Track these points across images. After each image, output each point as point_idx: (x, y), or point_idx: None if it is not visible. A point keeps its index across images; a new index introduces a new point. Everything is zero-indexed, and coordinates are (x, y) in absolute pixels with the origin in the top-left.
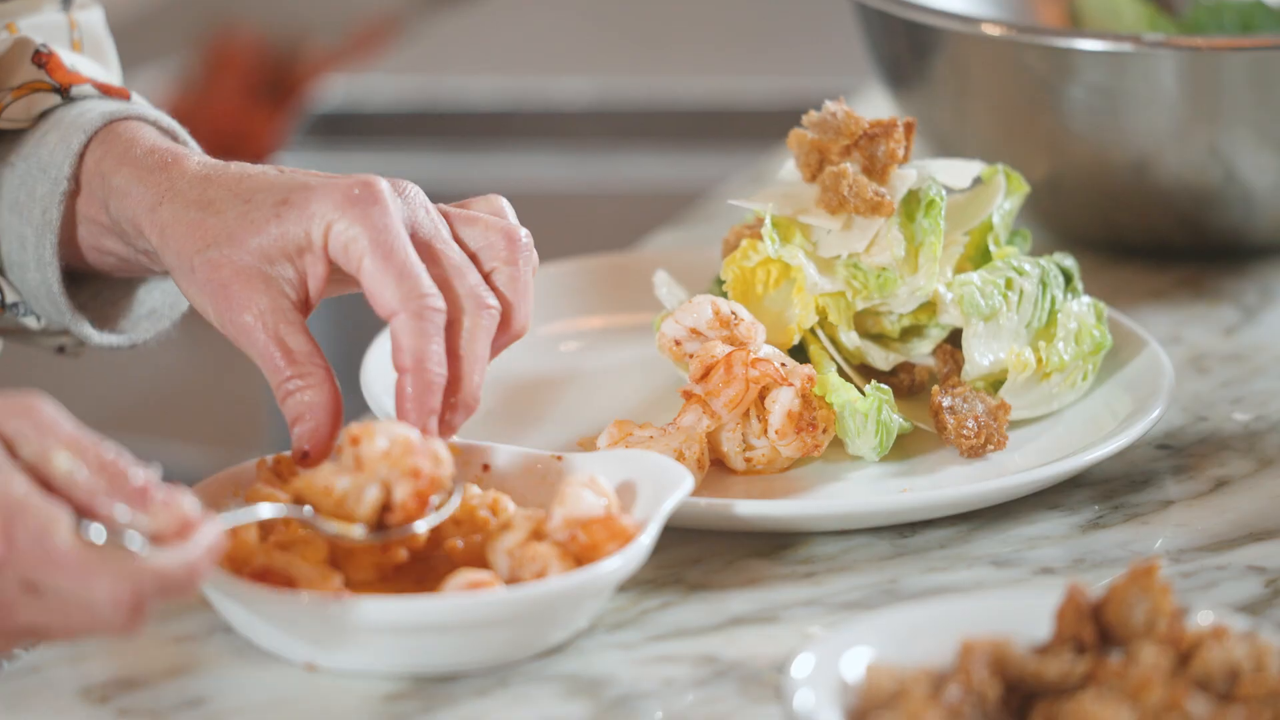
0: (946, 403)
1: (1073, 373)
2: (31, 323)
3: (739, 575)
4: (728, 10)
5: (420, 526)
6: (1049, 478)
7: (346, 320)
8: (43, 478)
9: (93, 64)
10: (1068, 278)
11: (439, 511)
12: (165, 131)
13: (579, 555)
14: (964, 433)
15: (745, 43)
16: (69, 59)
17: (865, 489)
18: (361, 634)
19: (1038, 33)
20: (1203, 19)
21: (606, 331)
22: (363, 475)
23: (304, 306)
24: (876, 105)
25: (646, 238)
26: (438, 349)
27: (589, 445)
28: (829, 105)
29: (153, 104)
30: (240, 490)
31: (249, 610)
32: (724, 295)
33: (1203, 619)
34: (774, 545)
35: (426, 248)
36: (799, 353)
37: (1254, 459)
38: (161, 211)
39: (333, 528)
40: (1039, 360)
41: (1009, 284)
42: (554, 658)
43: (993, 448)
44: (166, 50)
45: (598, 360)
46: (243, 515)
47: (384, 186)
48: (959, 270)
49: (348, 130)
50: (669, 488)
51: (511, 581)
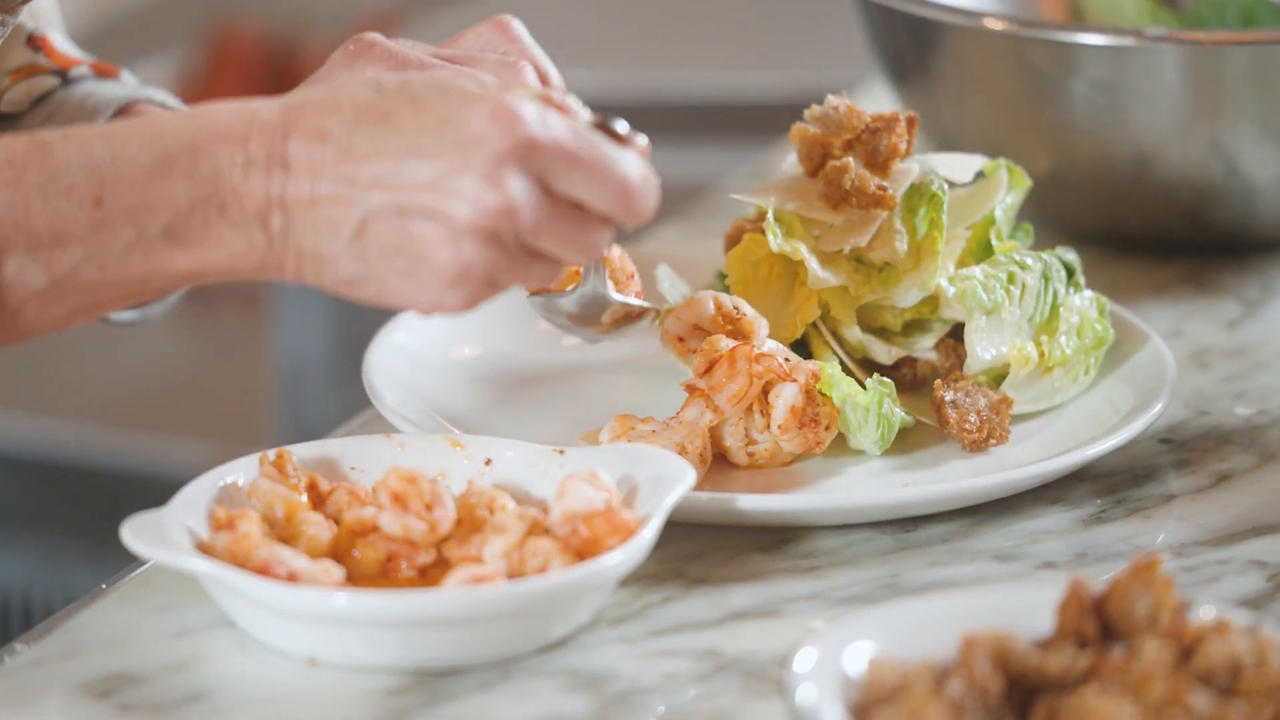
0: (949, 397)
1: (1075, 367)
2: None
3: (741, 570)
4: (730, 4)
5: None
6: (1051, 472)
7: (348, 319)
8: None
9: (75, 47)
10: (1070, 272)
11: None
12: (173, 109)
13: (580, 550)
14: (966, 427)
15: (748, 37)
16: (60, 42)
17: (867, 483)
18: (363, 628)
19: (1040, 27)
20: (1205, 14)
21: None
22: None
23: None
24: (879, 99)
25: (648, 231)
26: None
27: (591, 439)
28: (831, 99)
29: None
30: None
31: (251, 604)
32: (726, 289)
33: (1205, 614)
34: (776, 540)
35: (419, 65)
36: (801, 347)
37: (1256, 453)
38: None
39: None
40: (1041, 355)
41: (1011, 278)
42: (556, 652)
43: (995, 442)
44: (169, 43)
45: (600, 354)
46: None
47: (374, 34)
48: (961, 265)
49: None
50: (671, 482)
51: (513, 577)
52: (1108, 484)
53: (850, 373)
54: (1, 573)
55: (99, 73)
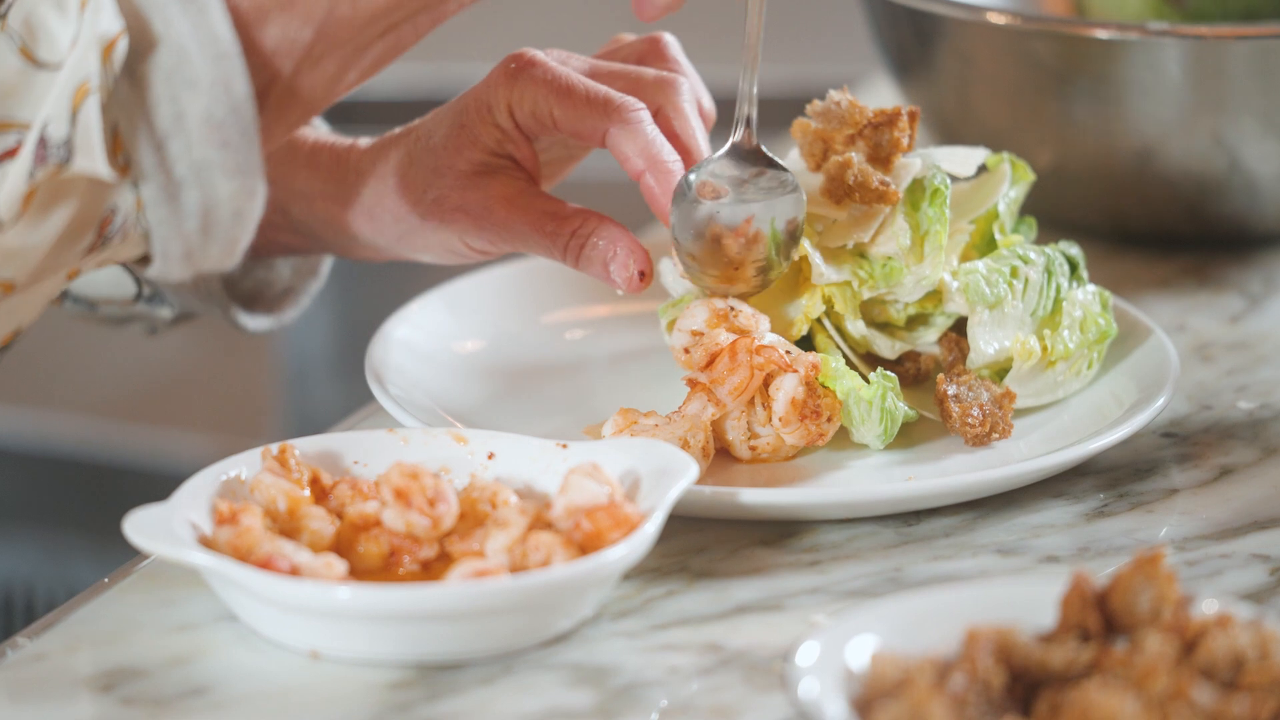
0: (951, 391)
1: (1078, 361)
2: (164, 312)
3: (744, 563)
4: None
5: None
6: (1054, 466)
7: (350, 317)
8: None
9: None
10: (1073, 266)
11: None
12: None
13: (583, 544)
14: (969, 421)
15: None
16: None
17: (870, 477)
18: (366, 622)
19: (1042, 21)
20: (1207, 7)
21: (611, 319)
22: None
23: (537, 183)
24: (881, 94)
25: (653, 224)
26: (660, 139)
27: (594, 433)
28: (833, 94)
29: None
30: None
31: (253, 598)
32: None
33: (1207, 607)
34: (779, 533)
35: (592, 75)
36: (805, 342)
37: (1259, 447)
38: (362, 199)
39: None
40: (1044, 348)
41: (1014, 272)
42: (559, 646)
43: (998, 436)
44: None
45: (603, 348)
46: None
47: (533, 50)
48: (965, 258)
49: (351, 118)
50: (674, 476)
51: (515, 572)
52: (1110, 478)
53: (853, 367)
54: (4, 566)
55: None
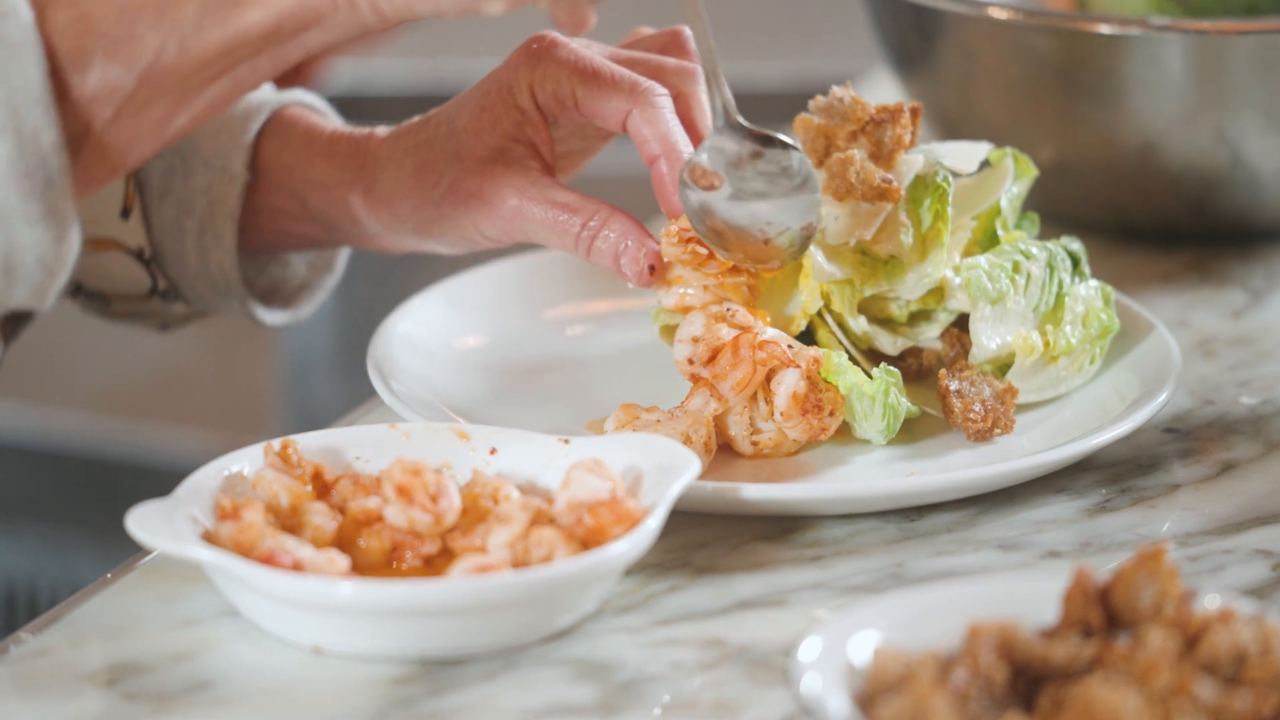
0: (953, 386)
1: (1080, 356)
2: (179, 308)
3: (746, 559)
4: None
5: None
6: (1056, 461)
7: (352, 313)
8: None
9: None
10: (1075, 261)
11: None
12: (320, 112)
13: (585, 539)
14: (971, 416)
15: (752, 26)
16: None
17: (872, 472)
18: (368, 617)
19: (1045, 16)
20: (1209, 3)
21: (613, 315)
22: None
23: (551, 173)
24: (883, 89)
25: (655, 219)
26: (678, 125)
27: (596, 429)
28: (835, 90)
29: None
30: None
31: (255, 593)
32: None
33: (1210, 602)
34: (781, 529)
35: (612, 60)
36: (807, 338)
37: (1261, 443)
38: (380, 187)
39: None
40: (1046, 344)
41: (1016, 267)
42: (561, 641)
43: (1000, 431)
44: None
45: (605, 344)
46: None
47: (554, 32)
48: (967, 254)
49: (353, 114)
50: (676, 471)
51: (517, 567)
52: (1113, 473)
53: (856, 363)
54: (7, 562)
55: None
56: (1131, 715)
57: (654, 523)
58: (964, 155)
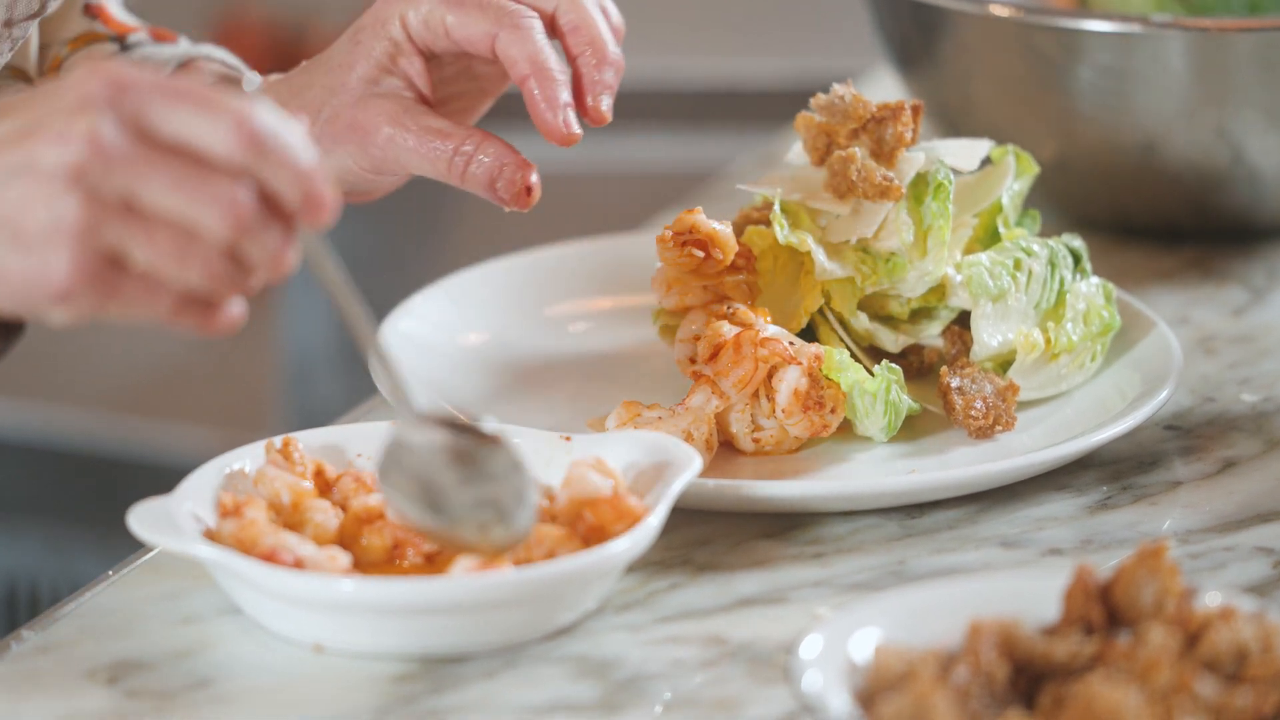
0: (955, 384)
1: (1081, 354)
2: None
3: (747, 556)
4: None
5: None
6: (1057, 459)
7: None
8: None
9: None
10: (1076, 259)
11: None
12: (231, 67)
13: (586, 536)
14: (972, 414)
15: (753, 24)
16: (116, 9)
17: (873, 470)
18: (369, 615)
19: (1046, 14)
20: (1210, 1)
21: (615, 312)
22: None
23: (428, 104)
24: (885, 86)
25: (654, 218)
26: (546, 45)
27: (597, 426)
28: (836, 88)
29: None
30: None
31: (257, 591)
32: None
33: (1211, 600)
34: (782, 526)
35: None
36: (808, 336)
37: (1262, 440)
38: None
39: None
40: (1047, 341)
41: (1017, 265)
42: (562, 639)
43: (1001, 429)
44: (174, 28)
45: (606, 341)
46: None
47: None
48: (969, 251)
49: None
50: (677, 469)
51: (519, 564)
52: (1114, 470)
53: (857, 360)
54: (8, 559)
55: (157, 38)
56: (1132, 713)
57: (655, 520)
58: (965, 153)
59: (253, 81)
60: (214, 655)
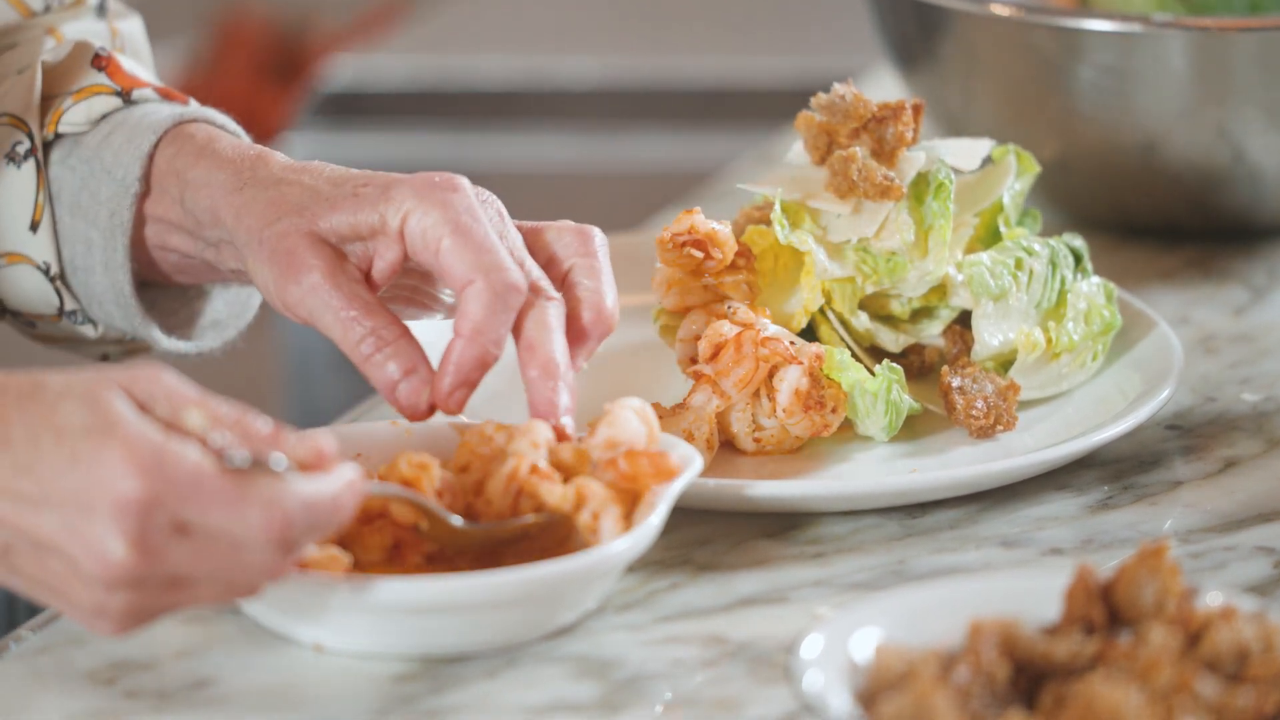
0: (955, 383)
1: (1082, 353)
2: (89, 331)
3: (748, 556)
4: None
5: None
6: (1058, 458)
7: None
8: (178, 434)
9: (145, 71)
10: (1077, 258)
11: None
12: (233, 133)
13: (616, 484)
14: (973, 413)
15: (754, 23)
16: (128, 64)
17: (874, 469)
18: (370, 615)
19: (1047, 13)
20: (1211, 0)
21: None
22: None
23: (369, 282)
24: (885, 86)
25: (655, 217)
26: (504, 330)
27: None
28: (837, 88)
29: (163, 83)
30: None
31: None
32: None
33: (1212, 600)
34: (783, 526)
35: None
36: (809, 335)
37: (1263, 439)
38: (243, 194)
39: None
40: (1048, 341)
41: (1018, 264)
42: (563, 639)
43: (1002, 428)
44: (176, 29)
45: (607, 340)
46: (382, 488)
47: (465, 180)
48: (970, 251)
49: (356, 110)
50: (678, 468)
51: (561, 520)
52: (1114, 470)
53: (858, 359)
54: None
55: (165, 97)
56: (1133, 712)
57: (656, 520)
58: (966, 152)
59: (280, 461)
60: (214, 655)
